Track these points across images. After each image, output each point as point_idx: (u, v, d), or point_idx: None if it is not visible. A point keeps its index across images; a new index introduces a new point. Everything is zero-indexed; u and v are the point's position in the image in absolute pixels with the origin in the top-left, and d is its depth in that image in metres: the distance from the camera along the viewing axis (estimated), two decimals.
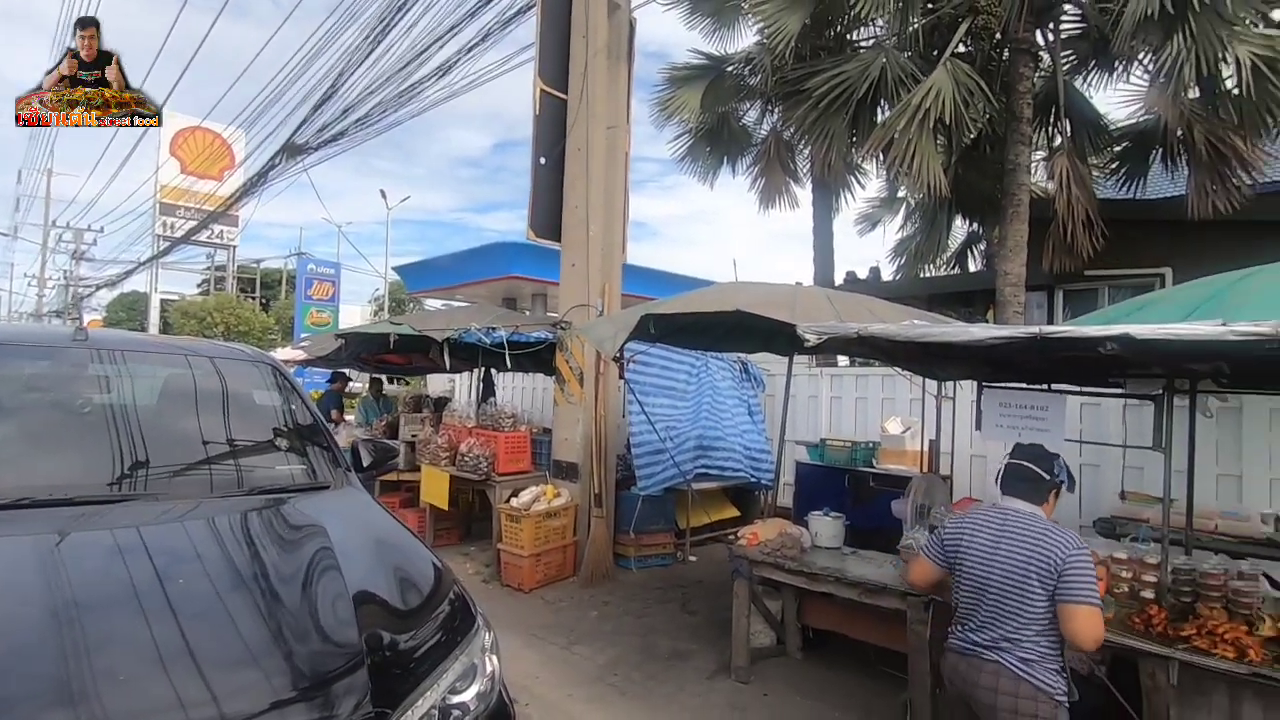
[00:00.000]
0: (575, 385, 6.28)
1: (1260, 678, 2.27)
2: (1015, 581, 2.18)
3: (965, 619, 2.34)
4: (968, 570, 2.32)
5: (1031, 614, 2.15)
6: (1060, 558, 2.13)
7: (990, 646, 2.20)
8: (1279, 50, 6.10)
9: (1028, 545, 2.19)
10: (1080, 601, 2.10)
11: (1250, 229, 7.81)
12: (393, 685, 1.59)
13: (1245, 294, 3.61)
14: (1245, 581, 2.63)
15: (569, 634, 4.86)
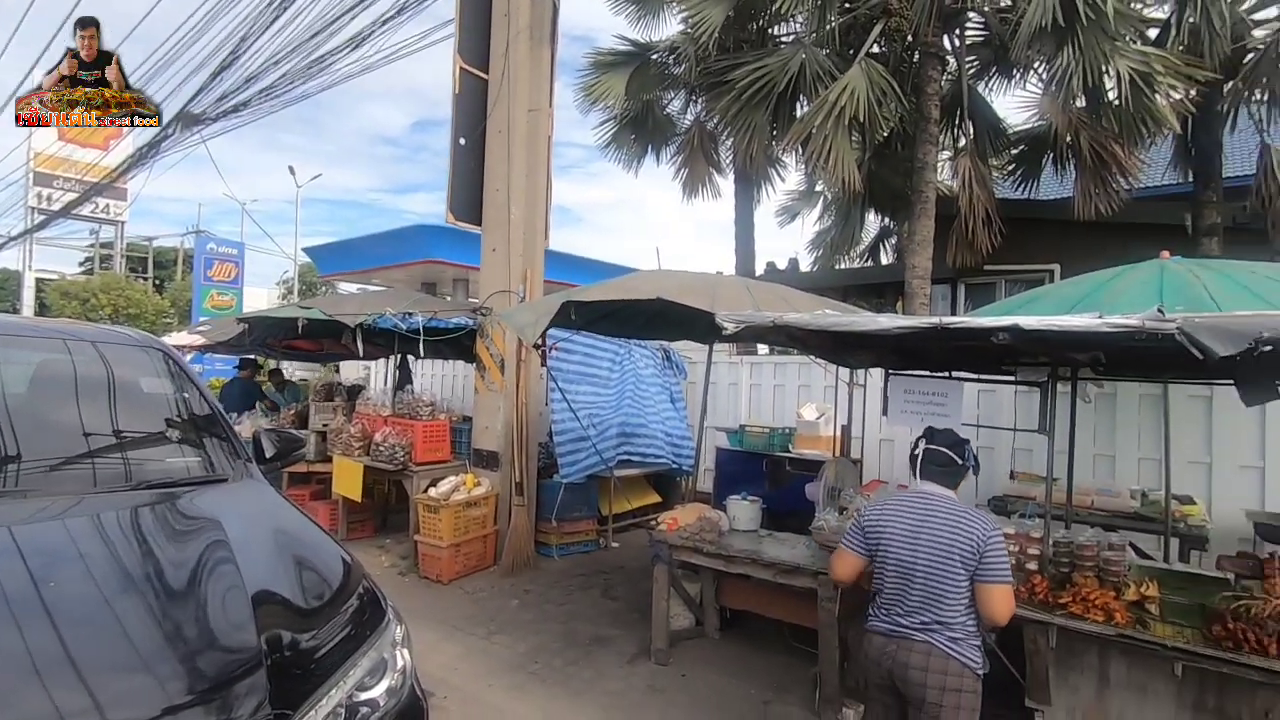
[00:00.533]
0: (496, 373, 6.18)
1: (1124, 638, 2.50)
2: (941, 565, 2.25)
3: (891, 603, 2.36)
4: (892, 555, 2.35)
5: (957, 595, 2.24)
6: (981, 539, 2.23)
7: (921, 629, 2.26)
8: (1152, 67, 6.65)
9: (949, 529, 2.27)
10: (998, 581, 2.22)
11: (1128, 230, 8.52)
12: (294, 685, 1.52)
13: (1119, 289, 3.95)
14: (1114, 552, 2.90)
15: (489, 624, 4.80)
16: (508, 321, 4.78)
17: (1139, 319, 2.07)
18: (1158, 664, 2.57)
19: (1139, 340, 2.21)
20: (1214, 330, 1.95)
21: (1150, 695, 2.62)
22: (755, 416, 7.87)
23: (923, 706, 2.23)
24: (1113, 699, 2.69)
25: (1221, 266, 3.92)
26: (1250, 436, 5.32)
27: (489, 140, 6.29)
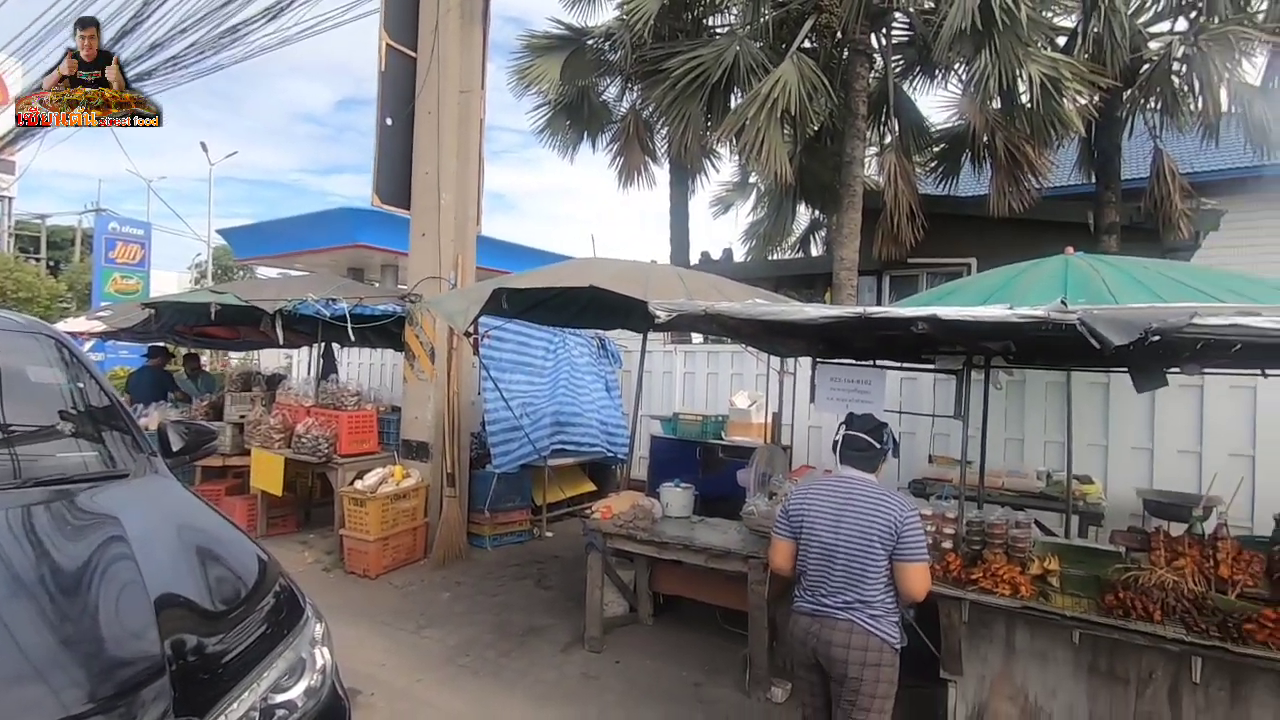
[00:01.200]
0: (426, 361, 6.01)
1: (1029, 610, 2.68)
2: (861, 546, 2.33)
3: (815, 584, 2.42)
4: (815, 538, 2.42)
5: (876, 574, 2.32)
6: (898, 520, 2.31)
7: (844, 608, 2.33)
8: (1061, 72, 7.04)
9: (869, 511, 2.34)
10: (915, 560, 2.32)
11: (1038, 226, 9.00)
12: (202, 690, 1.44)
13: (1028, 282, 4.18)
14: (1021, 529, 3.09)
15: (419, 618, 4.70)
16: (438, 309, 4.65)
17: (1044, 310, 2.20)
18: (1058, 633, 2.76)
19: (1045, 330, 2.35)
20: (1110, 321, 2.08)
21: (1051, 662, 2.81)
22: (689, 405, 7.96)
23: (844, 681, 2.32)
24: (1018, 666, 2.87)
25: (1118, 262, 4.20)
26: (1141, 420, 5.75)
27: (418, 121, 6.09)
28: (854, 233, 8.31)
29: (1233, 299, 3.34)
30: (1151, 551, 2.88)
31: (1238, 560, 2.75)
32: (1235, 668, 2.45)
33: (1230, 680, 2.49)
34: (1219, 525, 3.25)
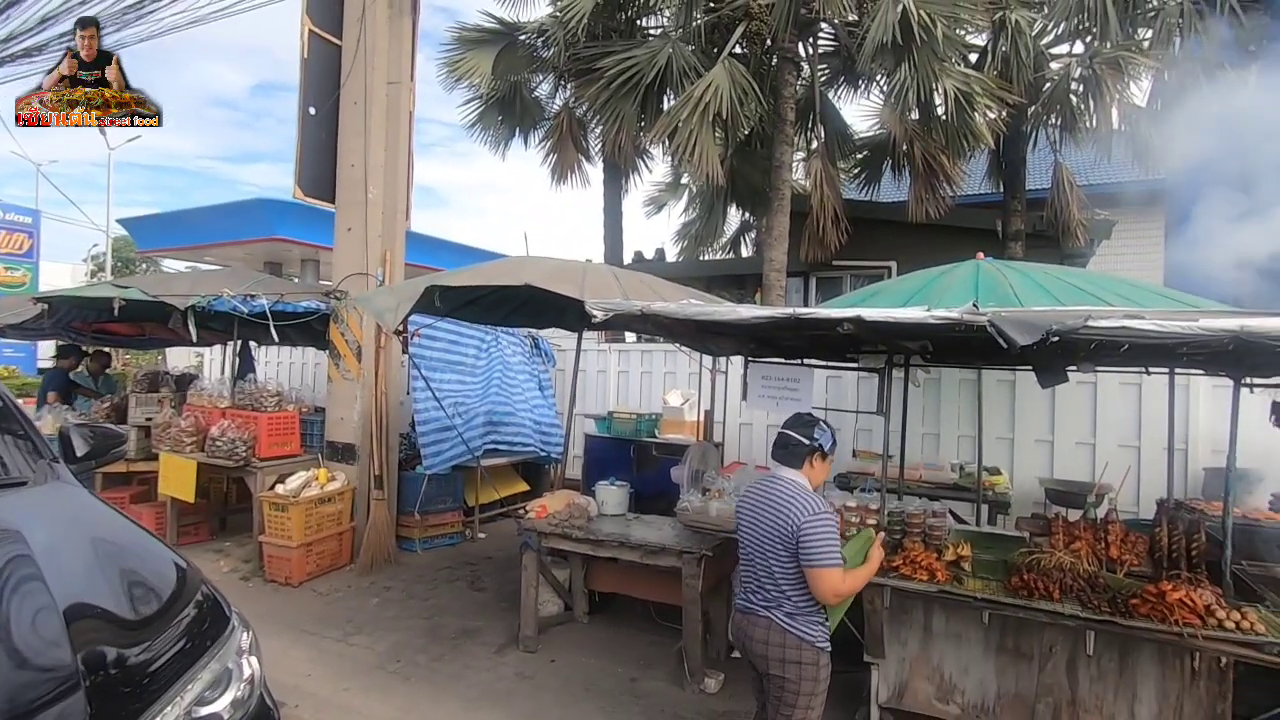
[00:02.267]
0: (352, 360, 5.81)
1: (944, 594, 2.84)
2: (768, 545, 2.37)
3: (745, 582, 2.51)
4: (743, 536, 2.51)
5: (784, 573, 2.33)
6: (796, 524, 2.29)
7: (764, 605, 2.39)
8: (973, 87, 7.47)
9: (775, 512, 2.36)
10: (815, 565, 2.26)
11: (952, 232, 9.51)
12: (121, 705, 1.36)
13: (944, 285, 4.42)
14: (937, 519, 3.28)
15: (345, 625, 4.55)
16: (366, 306, 4.51)
17: (958, 313, 2.34)
18: (970, 614, 2.95)
19: (958, 331, 2.50)
20: (1016, 323, 2.25)
21: (964, 642, 3.00)
22: (623, 403, 8.01)
23: (768, 677, 2.38)
24: (935, 648, 3.05)
25: (1023, 268, 4.51)
26: (1043, 414, 6.18)
27: (343, 112, 5.87)
28: (783, 235, 8.54)
29: (1120, 302, 3.65)
30: (1051, 536, 3.12)
31: (1125, 542, 3.02)
32: (1123, 640, 2.69)
33: (1119, 652, 2.73)
34: (1109, 510, 3.55)
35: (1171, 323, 2.12)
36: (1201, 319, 2.13)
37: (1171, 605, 2.46)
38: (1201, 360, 3.50)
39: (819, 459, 2.50)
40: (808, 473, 2.48)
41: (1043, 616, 2.69)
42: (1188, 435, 5.69)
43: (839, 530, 2.37)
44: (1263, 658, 2.38)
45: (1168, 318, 2.18)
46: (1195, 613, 2.44)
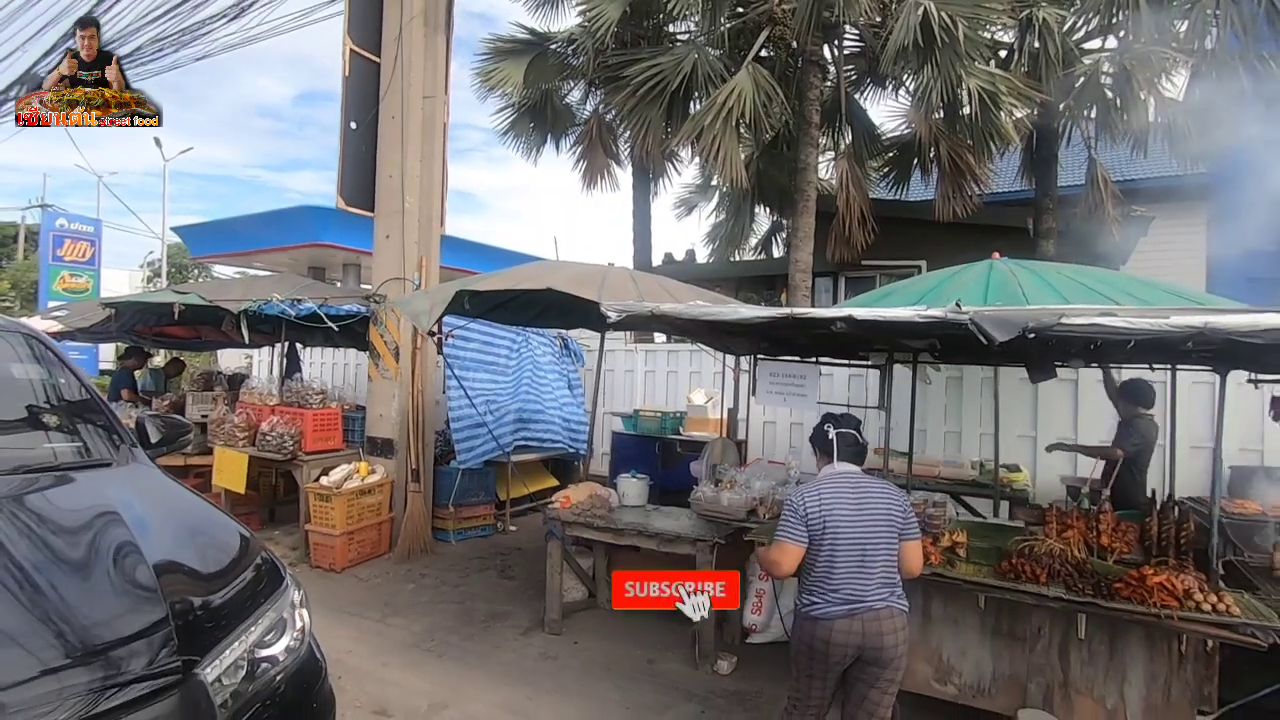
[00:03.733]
0: (390, 360, 6.16)
1: (936, 576, 2.98)
2: (883, 534, 2.43)
3: (848, 581, 2.38)
4: (844, 536, 2.39)
5: (895, 557, 2.45)
6: (901, 505, 2.48)
7: (885, 598, 2.40)
8: (998, 87, 7.48)
9: (881, 502, 2.46)
10: (916, 536, 2.51)
11: (982, 230, 9.47)
12: (200, 637, 1.65)
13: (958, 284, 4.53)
14: (936, 509, 3.42)
15: (384, 608, 4.87)
16: (402, 309, 4.82)
17: (942, 312, 2.50)
18: (967, 599, 3.08)
19: (960, 330, 2.64)
20: (994, 321, 2.39)
21: (961, 626, 3.13)
22: (650, 402, 8.23)
23: (889, 664, 2.38)
24: (934, 631, 3.19)
25: (1035, 266, 4.59)
26: (1066, 414, 6.19)
27: (381, 125, 6.23)
28: (808, 236, 8.65)
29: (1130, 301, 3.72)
30: (1046, 525, 3.23)
31: (1116, 531, 3.12)
32: (1112, 624, 2.80)
33: (1109, 636, 2.83)
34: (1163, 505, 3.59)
35: (1141, 320, 2.25)
36: (1172, 316, 2.25)
37: (1151, 588, 2.57)
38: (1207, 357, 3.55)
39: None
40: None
41: (1029, 599, 2.82)
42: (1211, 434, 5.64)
43: None
44: (1236, 637, 2.48)
45: (1139, 315, 2.30)
46: (1174, 596, 2.54)
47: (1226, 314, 2.21)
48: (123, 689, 1.42)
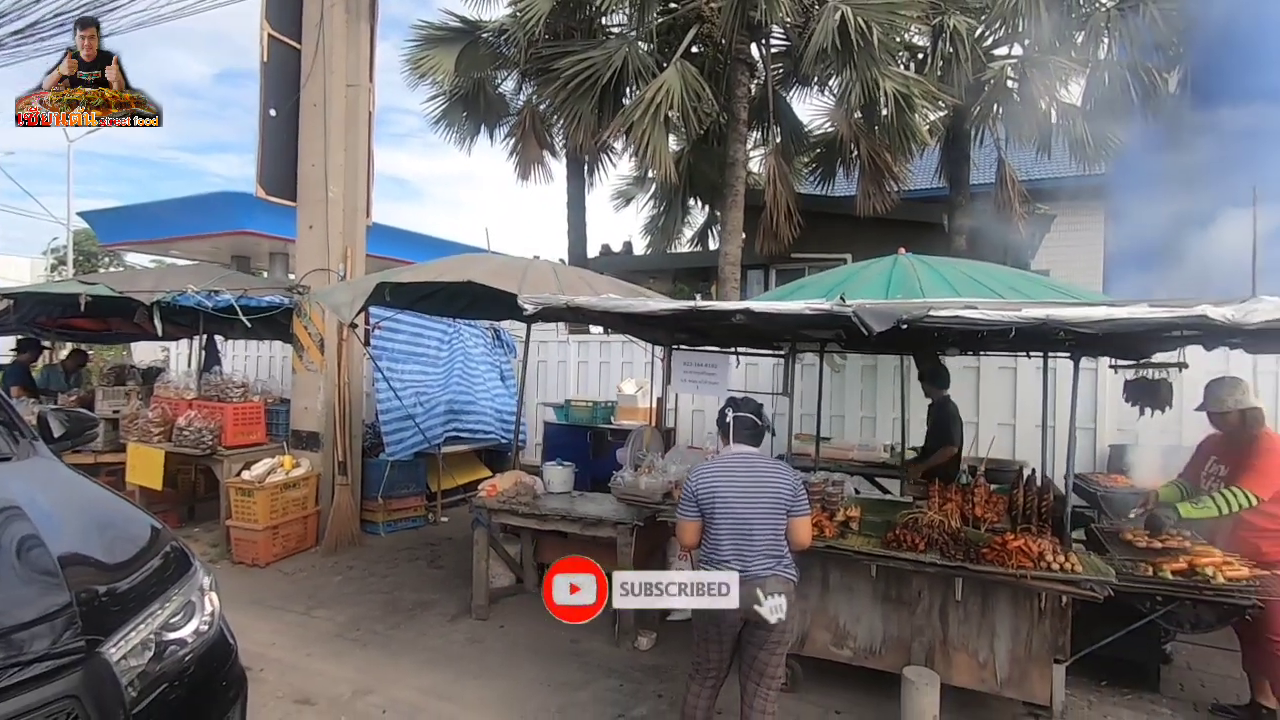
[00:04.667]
0: (315, 352, 6.08)
1: (830, 548, 3.23)
2: (770, 511, 2.60)
3: (736, 554, 2.58)
4: (730, 511, 2.60)
5: (781, 531, 2.63)
6: (791, 485, 2.64)
7: (769, 566, 2.57)
8: (911, 89, 7.88)
9: (769, 480, 2.64)
10: (805, 514, 2.68)
11: (902, 225, 9.94)
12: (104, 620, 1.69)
13: (864, 278, 4.83)
14: (835, 487, 3.68)
15: (309, 600, 4.85)
16: (323, 301, 4.79)
17: (828, 304, 2.72)
18: (860, 569, 3.35)
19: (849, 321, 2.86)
20: (874, 313, 2.62)
21: (855, 594, 3.40)
22: (584, 392, 8.36)
23: (775, 628, 2.57)
24: (831, 600, 3.44)
25: (935, 262, 4.92)
26: (969, 398, 6.63)
27: (303, 113, 6.10)
28: (737, 229, 8.91)
29: (1012, 295, 4.07)
30: (930, 499, 3.53)
31: (988, 502, 3.44)
32: (984, 586, 3.10)
33: (981, 597, 3.15)
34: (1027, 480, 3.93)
35: (997, 312, 2.51)
36: (1024, 309, 2.53)
37: (1012, 552, 2.87)
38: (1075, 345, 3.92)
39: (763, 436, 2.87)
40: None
41: (908, 566, 3.10)
42: (1095, 416, 6.19)
43: None
44: (1078, 591, 2.81)
45: (996, 308, 2.57)
46: (1030, 558, 2.86)
47: (1067, 307, 2.50)
48: (24, 667, 1.46)
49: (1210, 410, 3.38)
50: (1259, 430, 3.22)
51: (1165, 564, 2.96)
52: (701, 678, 2.71)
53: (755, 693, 2.63)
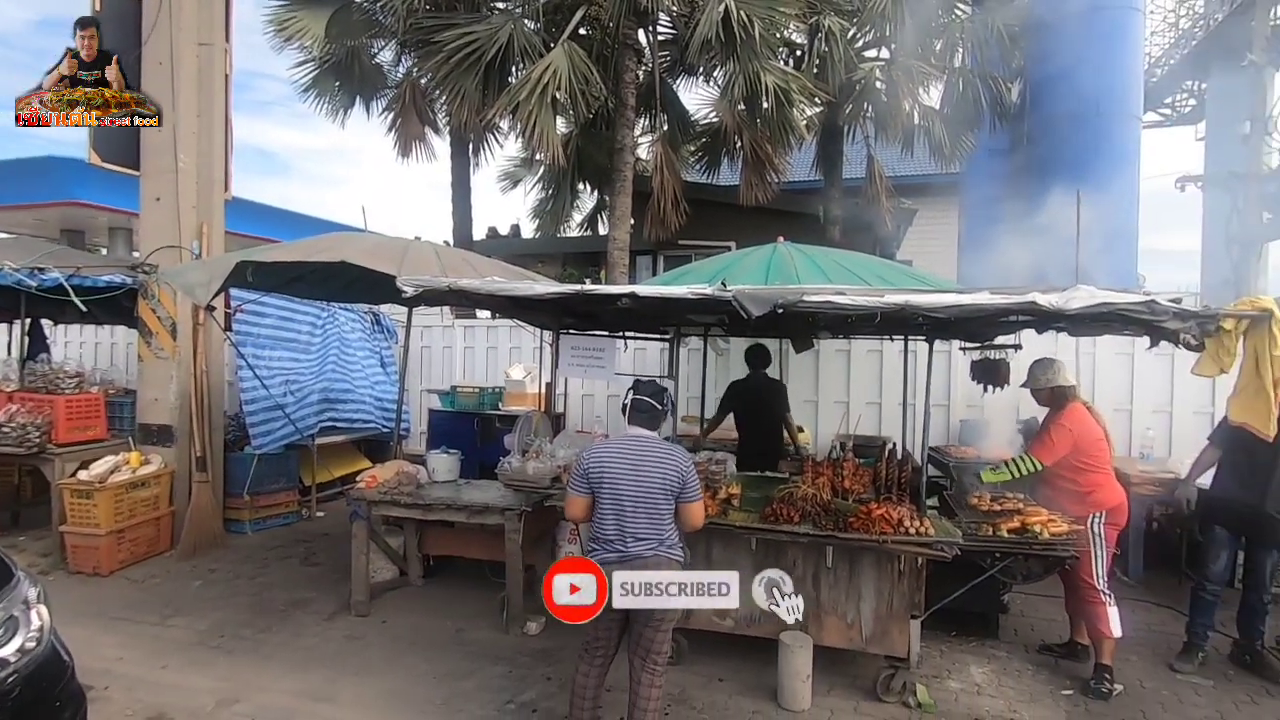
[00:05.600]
0: (166, 338, 5.52)
1: (713, 524, 3.36)
2: (656, 494, 2.63)
3: (621, 534, 2.63)
4: (617, 492, 2.64)
5: (668, 514, 2.68)
6: (681, 470, 2.67)
7: (650, 547, 2.62)
8: (790, 85, 8.22)
9: (659, 465, 2.65)
10: (696, 499, 2.73)
11: (783, 215, 10.38)
12: None
13: (745, 265, 5.01)
14: (719, 465, 3.83)
15: (164, 608, 4.45)
16: (175, 281, 4.37)
17: (711, 290, 2.80)
18: (741, 542, 3.50)
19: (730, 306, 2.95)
20: (752, 298, 2.74)
21: (738, 567, 3.52)
22: (471, 378, 8.15)
23: (651, 610, 2.61)
24: None
25: (810, 251, 5.19)
26: (839, 380, 7.09)
27: (146, 72, 5.48)
28: (625, 215, 8.96)
29: (878, 283, 4.36)
30: (804, 474, 3.76)
31: (855, 475, 3.72)
32: (851, 552, 3.35)
33: (849, 563, 3.39)
34: (889, 453, 4.24)
35: (863, 298, 2.70)
36: (886, 295, 2.73)
37: (875, 519, 3.12)
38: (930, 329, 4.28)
39: (663, 421, 2.87)
40: (659, 433, 2.84)
41: (784, 537, 3.29)
42: (949, 394, 6.79)
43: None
44: (930, 552, 3.11)
45: (863, 295, 2.76)
46: (890, 524, 3.12)
47: (923, 294, 2.73)
48: None
49: (1030, 387, 3.81)
50: (1066, 406, 3.64)
51: (1002, 524, 3.33)
52: (590, 657, 2.75)
53: (643, 668, 2.69)
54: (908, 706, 3.32)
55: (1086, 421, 3.57)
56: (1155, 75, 18.32)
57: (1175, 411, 6.16)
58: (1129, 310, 2.60)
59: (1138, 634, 4.18)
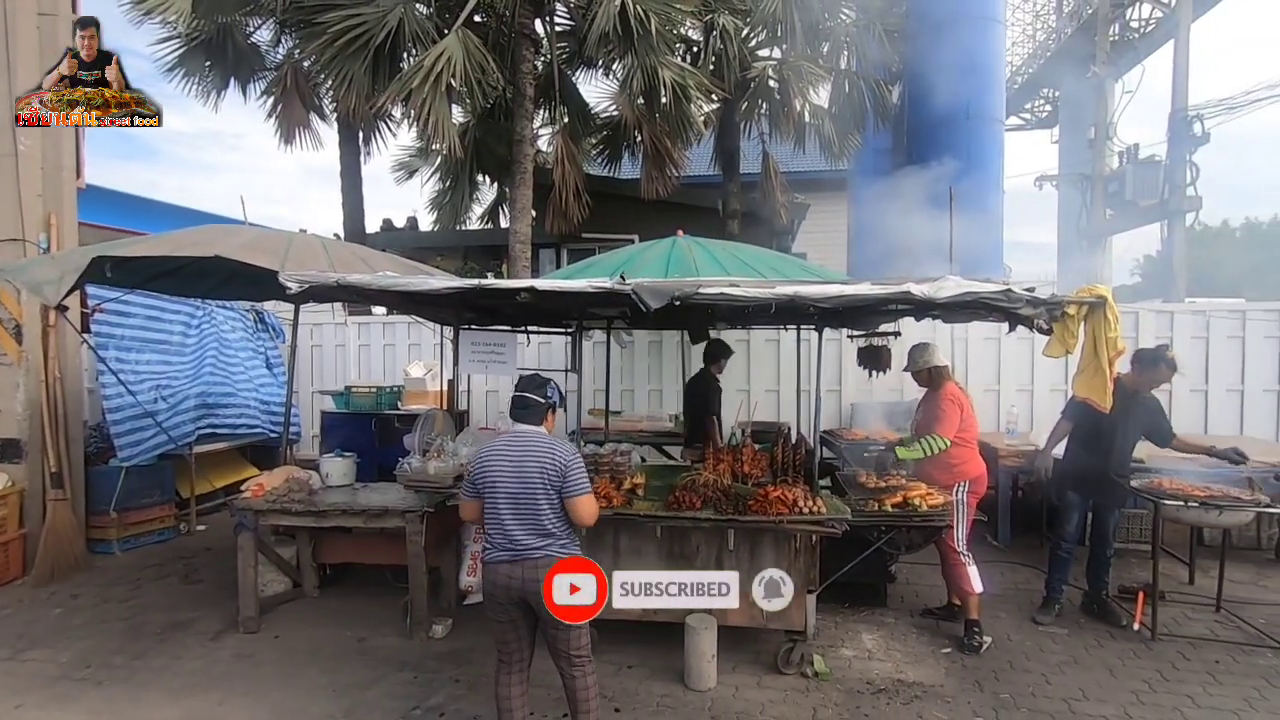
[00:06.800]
0: (9, 342, 4.95)
1: (618, 514, 3.41)
2: (537, 490, 2.56)
3: (508, 531, 2.58)
4: (501, 490, 2.58)
5: (552, 511, 2.59)
6: (562, 464, 2.58)
7: (539, 546, 2.56)
8: (687, 80, 8.36)
9: (538, 460, 2.58)
10: (581, 493, 2.61)
11: (684, 209, 10.56)
12: None
13: (647, 258, 5.07)
14: (623, 456, 3.88)
15: (16, 642, 4.01)
16: (17, 279, 3.92)
17: (611, 282, 2.83)
18: (647, 531, 3.57)
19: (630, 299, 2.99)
20: (651, 290, 2.79)
21: (643, 555, 3.62)
22: (367, 377, 7.82)
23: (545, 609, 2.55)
24: (623, 563, 3.63)
25: (709, 244, 5.32)
26: (740, 369, 7.33)
27: None
28: (526, 208, 8.83)
29: (773, 275, 4.54)
30: (706, 462, 3.88)
31: (754, 460, 3.88)
32: (750, 534, 3.49)
33: (750, 544, 3.53)
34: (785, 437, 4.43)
35: (756, 290, 2.81)
36: (777, 287, 2.86)
37: (772, 501, 3.28)
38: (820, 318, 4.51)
39: (551, 414, 2.81)
40: (546, 426, 2.77)
41: (687, 523, 3.39)
42: (840, 379, 7.18)
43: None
44: (823, 530, 3.30)
45: (756, 287, 2.87)
46: (787, 505, 3.28)
47: (810, 285, 2.88)
48: None
49: (910, 370, 4.11)
50: (944, 384, 3.97)
51: (887, 499, 3.57)
52: (507, 667, 2.70)
53: (570, 668, 2.67)
54: (806, 676, 3.51)
55: (962, 396, 3.90)
56: (1016, 82, 20.02)
57: (1036, 390, 6.80)
58: (990, 298, 2.86)
59: (1006, 592, 4.61)
